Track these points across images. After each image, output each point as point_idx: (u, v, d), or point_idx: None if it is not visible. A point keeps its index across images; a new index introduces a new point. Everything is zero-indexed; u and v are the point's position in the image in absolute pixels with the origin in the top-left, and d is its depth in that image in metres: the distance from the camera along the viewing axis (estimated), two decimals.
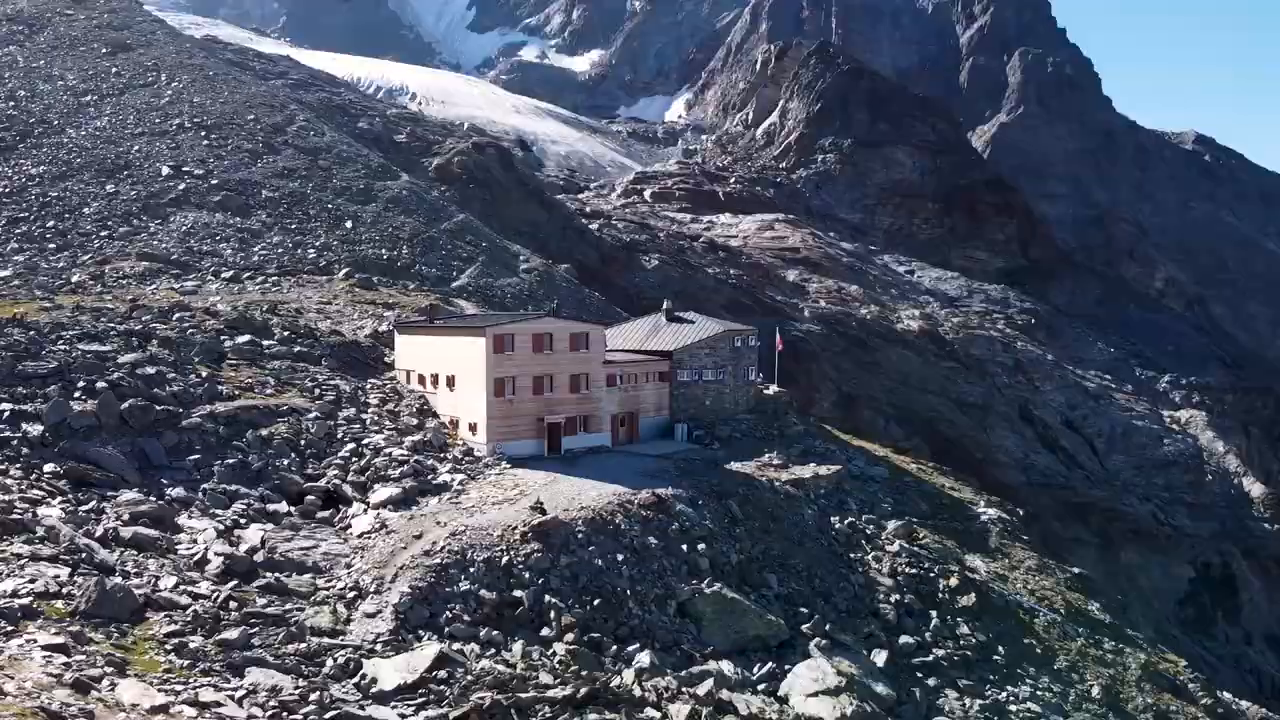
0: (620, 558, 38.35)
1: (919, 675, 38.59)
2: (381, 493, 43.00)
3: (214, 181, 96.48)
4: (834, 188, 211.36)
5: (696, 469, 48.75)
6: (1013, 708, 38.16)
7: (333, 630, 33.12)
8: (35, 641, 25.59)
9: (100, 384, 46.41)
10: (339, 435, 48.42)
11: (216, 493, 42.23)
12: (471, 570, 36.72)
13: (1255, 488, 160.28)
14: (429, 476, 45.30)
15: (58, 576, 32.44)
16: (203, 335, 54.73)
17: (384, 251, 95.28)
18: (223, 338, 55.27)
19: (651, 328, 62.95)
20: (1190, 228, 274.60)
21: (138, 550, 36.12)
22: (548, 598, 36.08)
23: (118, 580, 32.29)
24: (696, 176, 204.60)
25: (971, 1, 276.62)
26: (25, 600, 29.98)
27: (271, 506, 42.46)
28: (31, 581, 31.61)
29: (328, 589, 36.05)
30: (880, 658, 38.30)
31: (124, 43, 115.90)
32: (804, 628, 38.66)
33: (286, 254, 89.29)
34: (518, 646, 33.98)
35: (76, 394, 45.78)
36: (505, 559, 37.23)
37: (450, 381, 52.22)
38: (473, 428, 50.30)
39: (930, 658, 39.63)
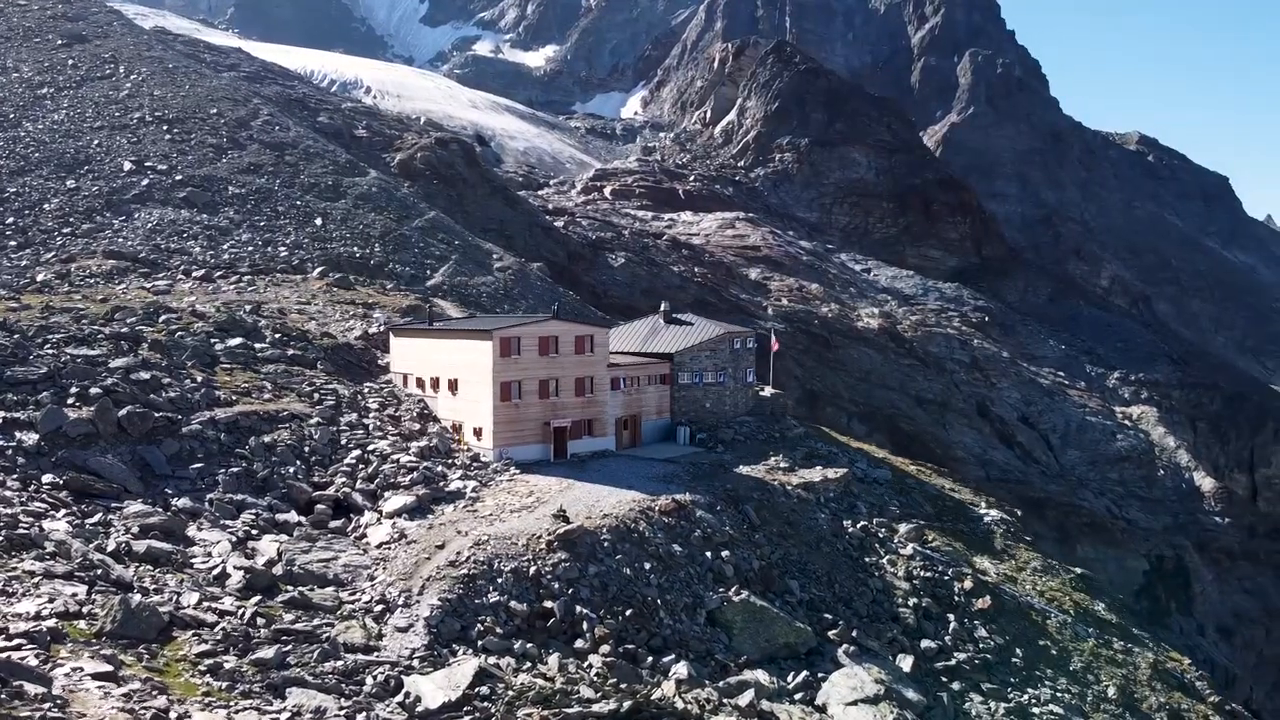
0: (647, 566, 37.87)
1: (944, 679, 38.68)
2: (394, 501, 41.99)
3: (178, 177, 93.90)
4: (791, 186, 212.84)
5: (706, 473, 48.44)
6: (1036, 710, 38.44)
7: (366, 646, 32.16)
8: (82, 670, 24.40)
9: (94, 390, 44.74)
10: (343, 441, 47.24)
11: (223, 503, 40.92)
12: (499, 581, 35.98)
13: (1206, 482, 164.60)
14: (440, 483, 44.35)
15: (75, 595, 31.13)
16: (193, 338, 53.06)
17: (356, 249, 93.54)
18: (213, 341, 53.65)
19: (650, 329, 62.49)
20: (1135, 227, 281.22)
21: (153, 565, 34.82)
22: (579, 608, 35.47)
23: (141, 598, 31.04)
24: (656, 174, 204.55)
25: (923, 2, 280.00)
26: (50, 622, 28.68)
27: (281, 516, 41.26)
28: (50, 601, 30.29)
29: (353, 602, 35.06)
30: (906, 663, 38.34)
31: (79, 34, 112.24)
32: (830, 634, 38.56)
33: (257, 252, 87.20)
34: (554, 659, 33.35)
35: (69, 400, 44.06)
36: (533, 569, 36.55)
37: (453, 385, 51.24)
38: (477, 432, 49.42)
39: (952, 662, 39.78)
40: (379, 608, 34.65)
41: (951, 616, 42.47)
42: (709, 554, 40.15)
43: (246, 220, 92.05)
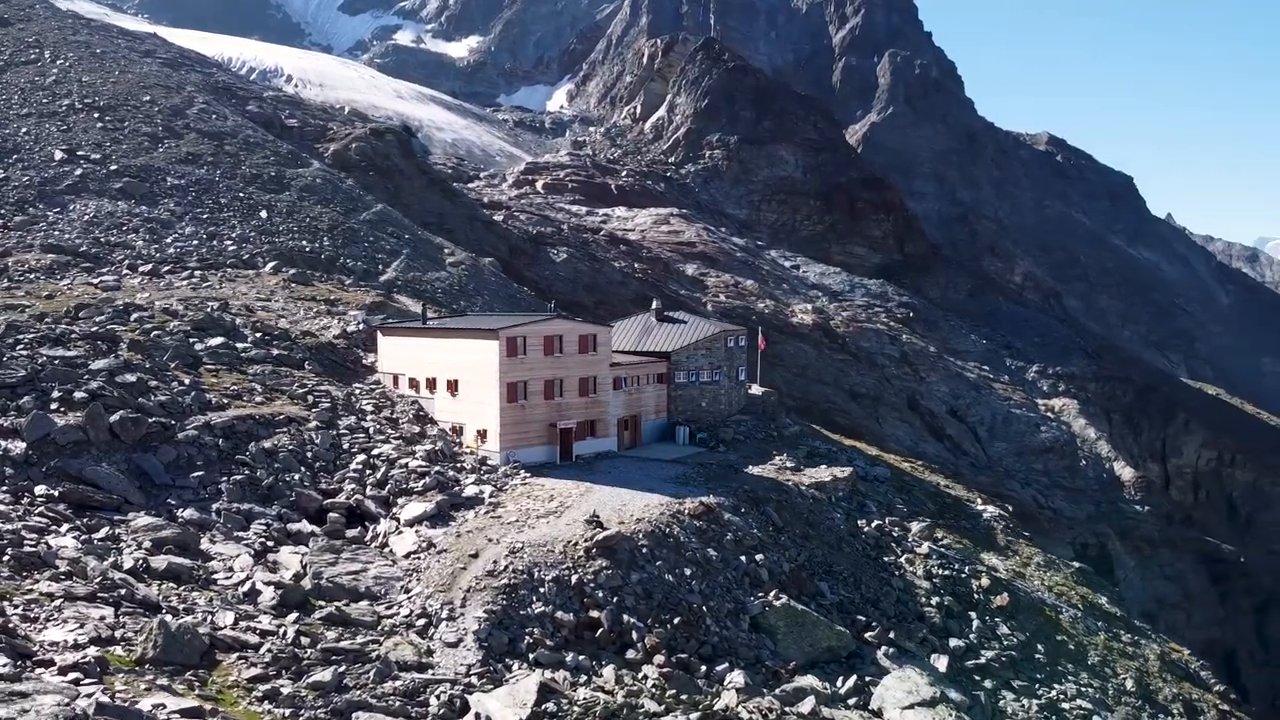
0: (688, 572, 37.06)
1: (976, 678, 38.81)
2: (412, 508, 40.29)
3: (113, 167, 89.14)
4: (721, 183, 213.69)
5: (718, 474, 47.80)
6: (1065, 706, 38.88)
7: (419, 664, 30.68)
8: (165, 707, 22.50)
9: (79, 394, 41.92)
10: (345, 446, 45.22)
11: (231, 513, 38.70)
12: (542, 590, 34.74)
13: (1125, 471, 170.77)
14: (454, 488, 42.75)
15: (104, 619, 29.09)
16: (171, 338, 50.18)
17: (305, 243, 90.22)
18: (192, 340, 50.85)
19: (643, 328, 61.54)
20: (1045, 225, 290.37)
21: (174, 582, 32.72)
22: (626, 617, 34.48)
23: (182, 620, 29.03)
24: (588, 169, 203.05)
25: (844, 3, 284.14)
26: (92, 650, 26.60)
27: (293, 526, 39.26)
28: (79, 626, 28.20)
29: (391, 617, 33.48)
30: (941, 663, 38.36)
31: (1, 17, 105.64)
32: (867, 636, 38.34)
33: (202, 245, 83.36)
34: (608, 671, 32.34)
35: (53, 405, 41.16)
36: (575, 577, 35.40)
37: (453, 386, 49.50)
38: (481, 435, 47.85)
39: (981, 660, 39.95)
40: (421, 622, 33.14)
41: (973, 614, 42.70)
42: (743, 558, 39.53)
43: (188, 213, 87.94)
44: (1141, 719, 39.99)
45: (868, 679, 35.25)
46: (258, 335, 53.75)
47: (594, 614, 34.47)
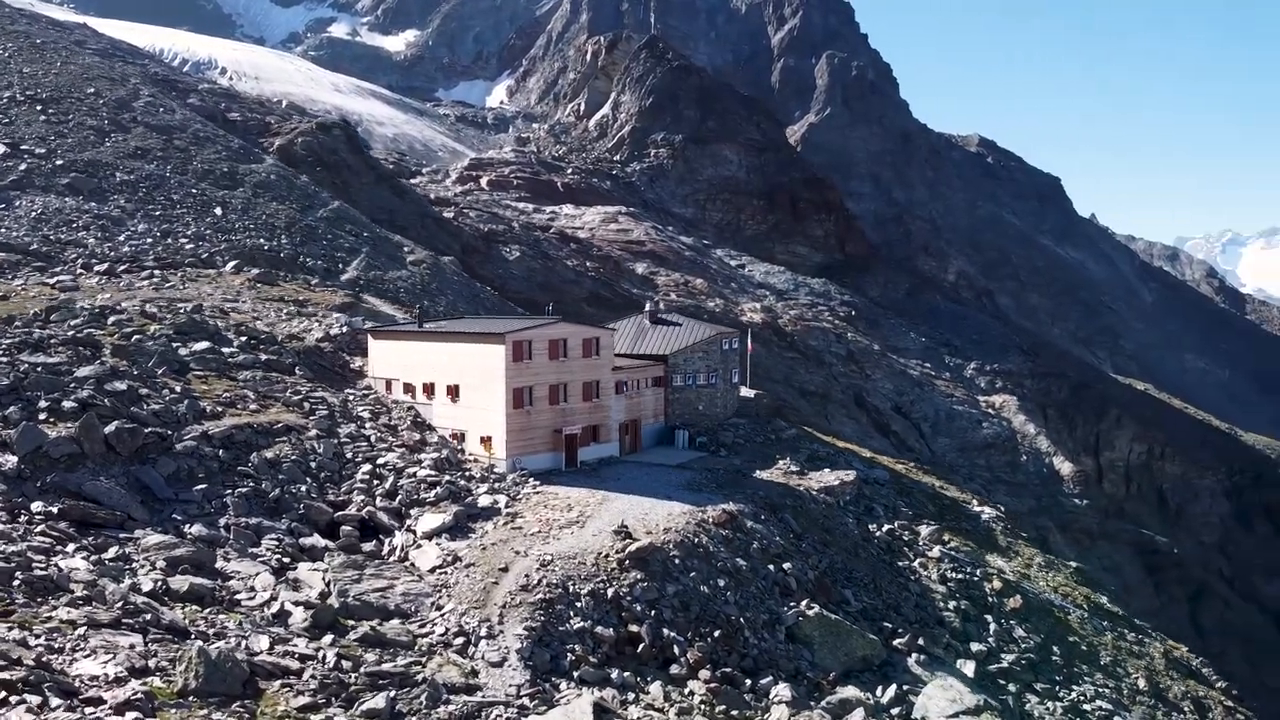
0: (721, 583, 36.40)
1: (1000, 682, 38.89)
2: (428, 520, 38.91)
3: (59, 162, 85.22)
4: (667, 182, 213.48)
5: (727, 479, 47.21)
6: (1086, 707, 39.18)
7: (467, 685, 29.47)
8: None
9: (68, 404, 39.62)
10: (348, 455, 43.54)
11: (241, 528, 36.89)
12: (578, 605, 33.76)
13: (1064, 466, 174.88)
14: (467, 498, 41.43)
15: (133, 647, 27.37)
16: (154, 343, 47.83)
17: (263, 241, 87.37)
18: (175, 345, 48.52)
19: (637, 330, 60.59)
20: (977, 225, 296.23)
21: (198, 604, 31.00)
22: (665, 631, 33.69)
23: (220, 647, 27.44)
24: (534, 166, 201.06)
25: (782, 4, 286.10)
26: (135, 684, 24.99)
27: (305, 541, 37.57)
28: (110, 656, 26.50)
29: (427, 635, 32.20)
30: (969, 668, 38.34)
31: None
32: (896, 643, 38.13)
33: (157, 244, 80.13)
34: (655, 688, 31.53)
35: (41, 416, 38.81)
36: (611, 590, 34.48)
37: (453, 391, 48.06)
38: (486, 441, 46.53)
39: (1004, 664, 40.07)
40: (459, 640, 31.93)
41: (989, 618, 42.86)
42: (770, 566, 39.01)
43: (140, 209, 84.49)
44: (1157, 717, 40.58)
45: (905, 687, 35.00)
46: (243, 339, 51.56)
47: (633, 628, 33.62)
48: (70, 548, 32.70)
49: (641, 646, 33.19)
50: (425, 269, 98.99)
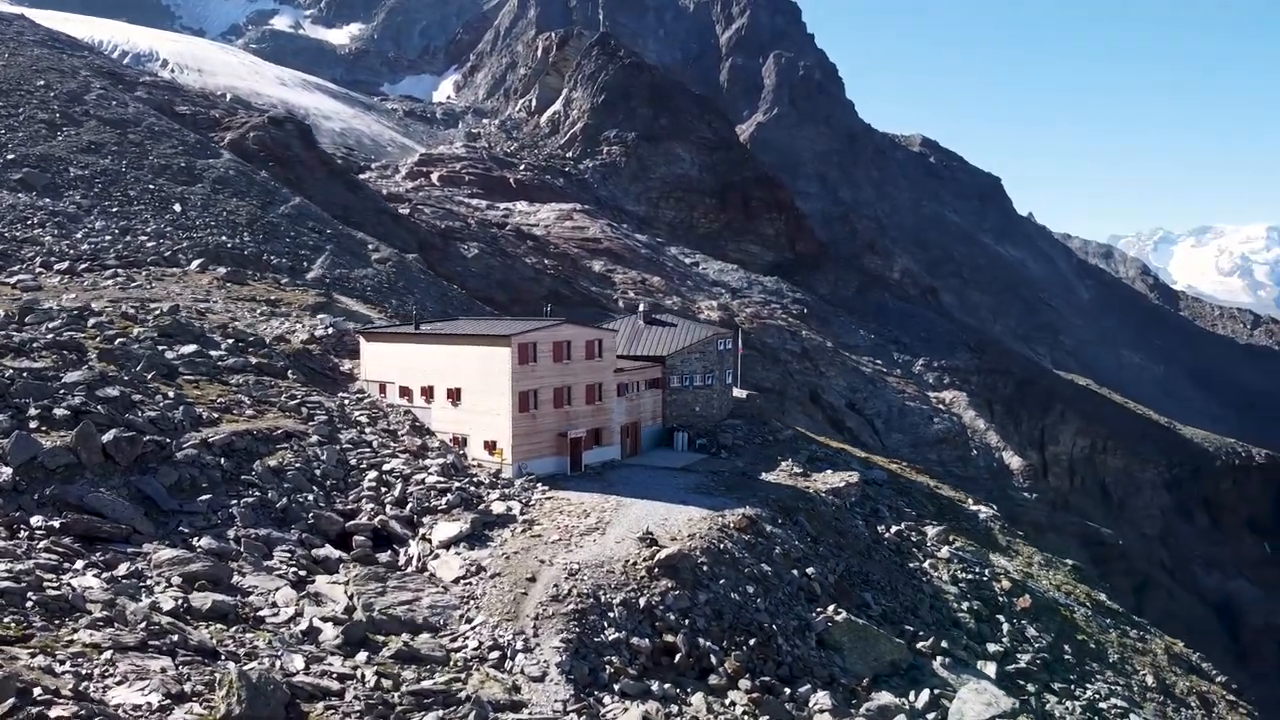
0: (750, 590, 35.84)
1: (1020, 683, 38.94)
2: (444, 529, 37.74)
3: (10, 156, 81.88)
4: (620, 179, 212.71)
5: (735, 482, 46.67)
6: (1102, 706, 39.43)
7: (513, 703, 28.51)
8: None
9: (59, 411, 37.65)
10: (352, 462, 42.11)
11: (251, 540, 35.36)
12: (611, 615, 32.94)
13: (1014, 460, 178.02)
14: (479, 505, 40.33)
15: (165, 670, 25.97)
16: (140, 346, 45.83)
17: (225, 239, 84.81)
18: (162, 348, 46.54)
19: (632, 331, 59.70)
20: (920, 224, 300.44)
21: (222, 623, 29.58)
22: (701, 640, 33.04)
23: (257, 668, 26.15)
24: (485, 161, 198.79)
25: (730, 2, 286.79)
26: (179, 714, 23.68)
27: (318, 552, 36.18)
28: (144, 682, 25.12)
29: (460, 650, 31.14)
30: (990, 669, 38.33)
31: None
32: (919, 646, 37.96)
33: (117, 241, 77.29)
34: (698, 699, 30.87)
35: (33, 425, 36.83)
36: (643, 600, 33.72)
37: (454, 395, 46.78)
38: (490, 446, 45.37)
39: (1021, 664, 40.14)
40: (494, 654, 30.94)
41: (1001, 618, 42.96)
42: (794, 571, 38.57)
43: (96, 205, 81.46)
44: (1167, 714, 41.05)
45: (936, 691, 34.80)
46: (230, 342, 49.65)
47: (668, 638, 32.90)
48: (79, 564, 31.01)
49: (678, 657, 32.49)
50: (391, 267, 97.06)
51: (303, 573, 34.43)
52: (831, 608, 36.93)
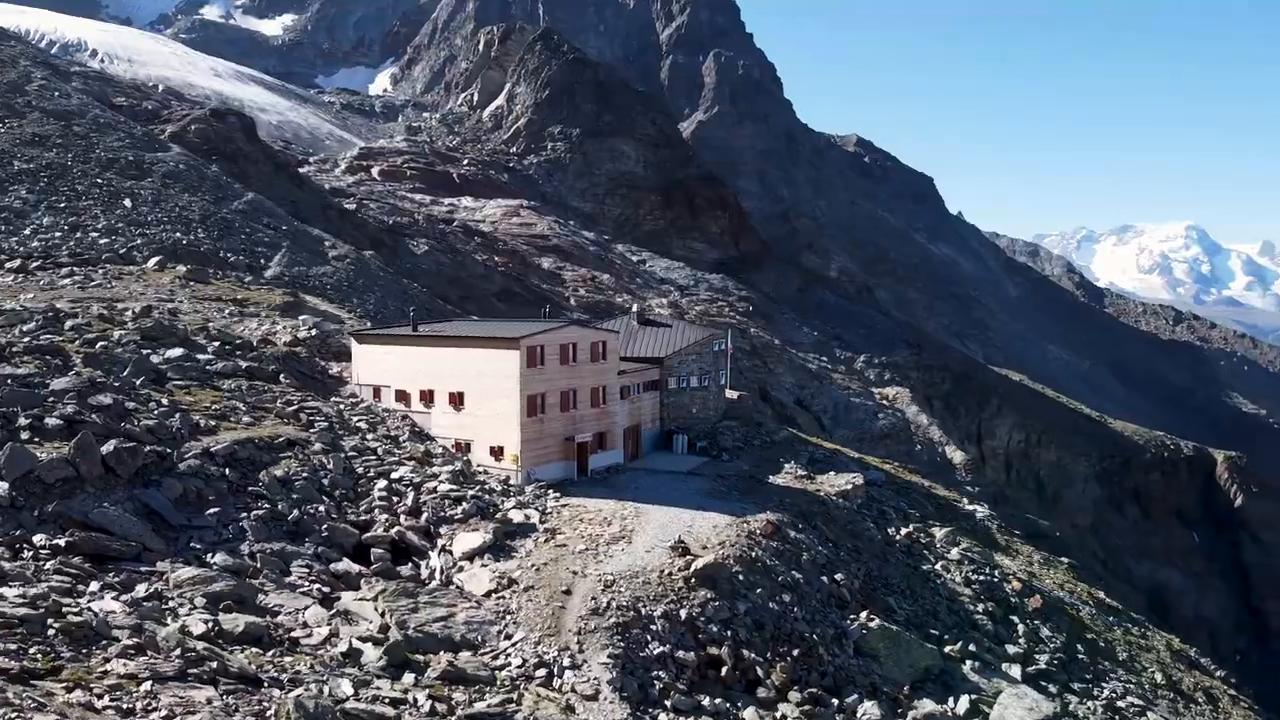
0: (786, 598, 35.18)
1: (1042, 684, 38.98)
2: (465, 540, 36.34)
3: None
4: (565, 176, 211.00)
5: (745, 486, 45.96)
6: (1120, 705, 39.69)
7: None
8: None
9: (52, 420, 35.34)
10: (359, 470, 40.37)
11: (267, 555, 33.56)
12: (653, 628, 31.98)
13: (957, 455, 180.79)
14: (496, 514, 38.97)
15: (210, 702, 24.41)
16: (123, 350, 43.41)
17: (179, 235, 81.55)
18: (146, 352, 44.14)
19: (626, 333, 58.46)
20: (856, 222, 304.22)
21: (257, 646, 27.92)
22: (745, 652, 32.27)
23: (310, 695, 24.69)
24: (427, 156, 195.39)
25: (670, 0, 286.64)
26: None
27: (336, 566, 34.54)
28: (191, 715, 23.57)
29: (503, 667, 29.90)
30: (1016, 671, 38.31)
31: None
32: (947, 650, 37.74)
33: (68, 238, 73.80)
34: (749, 713, 30.11)
35: (24, 435, 34.48)
36: (684, 611, 32.81)
37: (456, 399, 45.23)
38: (496, 452, 43.97)
39: (1040, 665, 40.22)
40: (541, 672, 29.76)
41: (1015, 619, 43.01)
42: (823, 578, 38.04)
43: (43, 200, 77.69)
44: (1179, 711, 41.54)
45: (973, 697, 34.57)
46: (216, 345, 47.35)
47: (712, 651, 32.05)
48: (93, 586, 29.00)
49: (724, 670, 31.68)
50: (349, 264, 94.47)
51: (326, 589, 32.81)
52: (864, 614, 36.49)
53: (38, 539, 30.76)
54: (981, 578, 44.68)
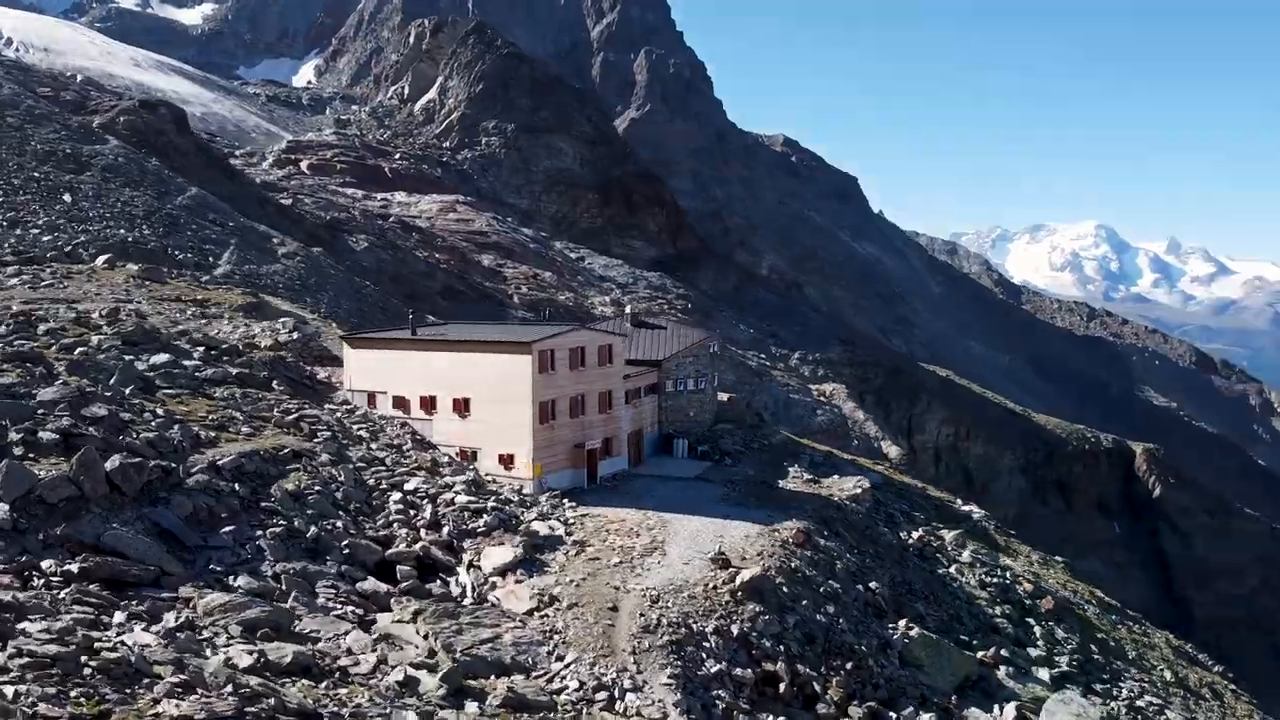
0: (830, 609, 34.39)
1: (1068, 686, 38.96)
2: (494, 555, 34.69)
3: None
4: (500, 171, 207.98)
5: (758, 491, 45.09)
6: (1140, 704, 39.93)
7: None
8: None
9: (45, 434, 32.63)
10: (371, 482, 38.31)
11: (291, 576, 31.48)
12: (707, 645, 30.85)
13: (893, 450, 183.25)
14: (519, 526, 37.37)
15: None
16: (105, 356, 40.56)
17: (124, 232, 77.61)
18: (129, 358, 41.31)
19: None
20: (785, 221, 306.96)
21: (308, 678, 26.00)
22: (800, 667, 31.37)
23: None
24: (358, 149, 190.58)
25: None
26: None
27: (363, 586, 32.60)
28: None
29: (561, 691, 28.46)
30: (1045, 674, 38.20)
31: None
32: (981, 656, 37.42)
33: (7, 235, 69.53)
34: None
35: (17, 451, 31.74)
36: (735, 627, 31.75)
37: (460, 406, 43.38)
38: (506, 460, 42.28)
39: (1064, 667, 40.21)
40: (601, 695, 28.41)
41: (1032, 621, 43.00)
42: (859, 586, 37.36)
43: None
44: (1190, 707, 42.02)
45: (1017, 704, 34.25)
46: (201, 350, 44.62)
47: (768, 667, 31.06)
48: (118, 616, 26.61)
49: (782, 687, 30.73)
50: (300, 262, 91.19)
51: (359, 611, 30.91)
52: (903, 623, 35.93)
53: (46, 565, 28.24)
54: (995, 580, 44.63)
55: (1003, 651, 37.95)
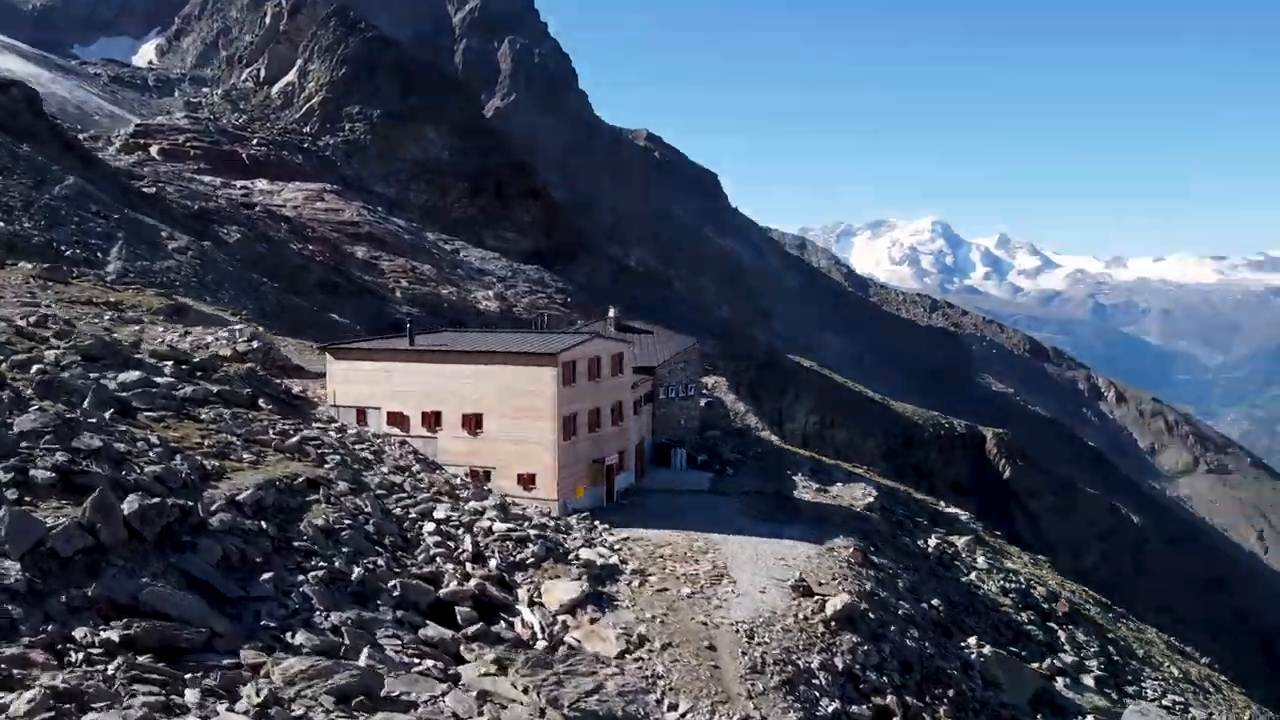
0: (915, 633, 32.90)
1: (1105, 691, 38.97)
2: (558, 591, 31.54)
3: None
4: (366, 159, 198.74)
5: (779, 503, 43.24)
6: (1165, 704, 40.37)
7: None
8: None
9: (39, 472, 27.46)
10: (395, 511, 34.34)
11: (352, 629, 27.51)
12: (815, 682, 28.81)
13: (774, 440, 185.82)
14: (567, 555, 34.25)
15: None
16: (71, 375, 34.89)
17: (3, 224, 69.12)
18: (95, 375, 35.72)
19: None
20: (652, 215, 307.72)
21: None
22: (909, 700, 29.72)
23: None
24: (212, 134, 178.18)
25: None
26: None
27: (425, 633, 28.97)
28: None
29: None
30: (1090, 679, 38.00)
31: None
32: (1038, 667, 36.84)
33: None
34: None
35: (11, 494, 26.51)
36: (838, 660, 29.80)
37: (471, 422, 39.62)
38: (526, 480, 38.87)
39: (1097, 671, 40.19)
40: None
41: (1054, 626, 42.89)
42: (923, 604, 36.05)
43: None
44: (1205, 703, 42.85)
45: (1089, 718, 33.74)
46: (169, 364, 39.10)
47: (878, 701, 29.28)
48: (189, 695, 22.24)
49: None
50: (193, 257, 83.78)
51: (439, 665, 27.28)
52: (973, 640, 34.87)
53: (80, 634, 23.52)
54: (1014, 586, 44.38)
55: (1055, 662, 37.47)
